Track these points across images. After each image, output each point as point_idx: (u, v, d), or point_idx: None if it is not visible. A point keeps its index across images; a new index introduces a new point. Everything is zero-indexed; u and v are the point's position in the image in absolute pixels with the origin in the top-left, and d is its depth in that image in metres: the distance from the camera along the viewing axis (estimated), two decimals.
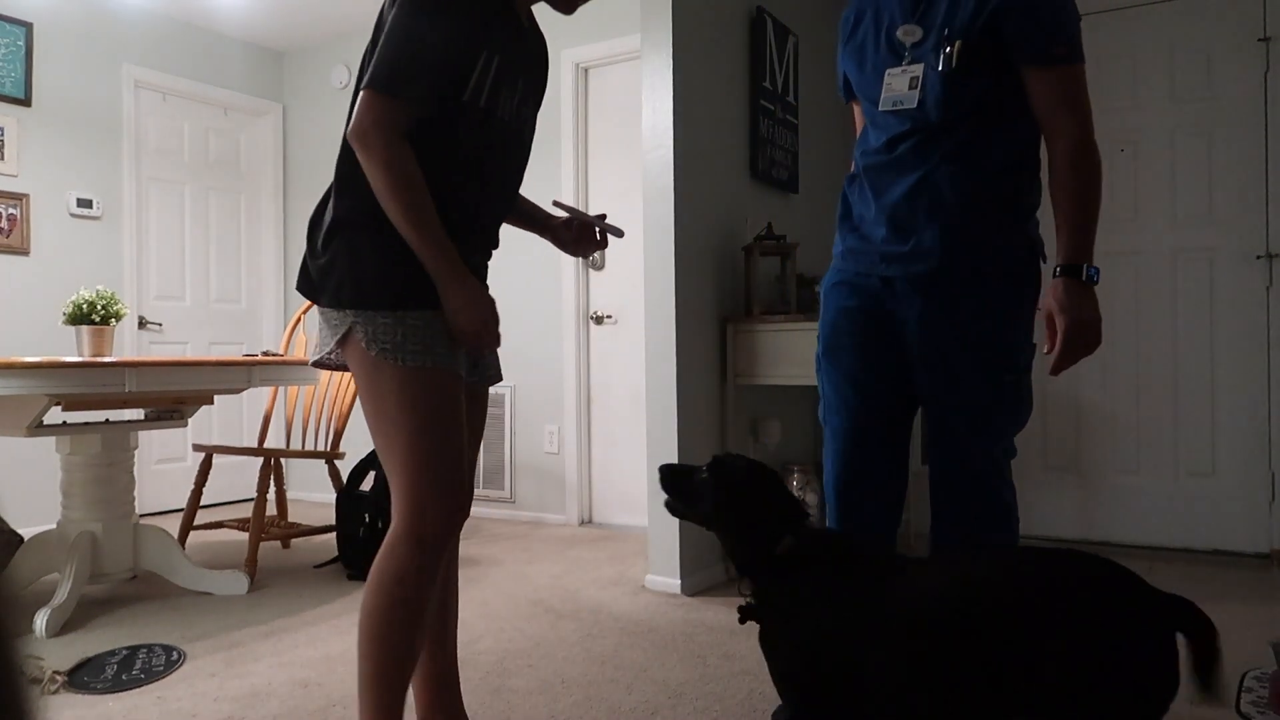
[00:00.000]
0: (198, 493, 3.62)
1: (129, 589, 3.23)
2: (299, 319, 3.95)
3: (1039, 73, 1.74)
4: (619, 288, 4.43)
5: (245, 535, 3.58)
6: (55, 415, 2.83)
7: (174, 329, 5.02)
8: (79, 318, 3.01)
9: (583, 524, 4.52)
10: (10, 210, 4.28)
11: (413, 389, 1.51)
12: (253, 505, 3.49)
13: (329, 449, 3.73)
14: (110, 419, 3.16)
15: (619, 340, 4.44)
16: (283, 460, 4.20)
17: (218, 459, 3.74)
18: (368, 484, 3.50)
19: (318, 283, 1.56)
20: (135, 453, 3.15)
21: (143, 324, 4.84)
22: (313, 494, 5.25)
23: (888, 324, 1.88)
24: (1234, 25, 3.63)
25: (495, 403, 4.74)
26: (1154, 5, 3.78)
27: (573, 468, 4.54)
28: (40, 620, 2.69)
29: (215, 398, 3.38)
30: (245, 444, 4.64)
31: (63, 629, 2.74)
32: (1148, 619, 1.25)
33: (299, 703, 2.19)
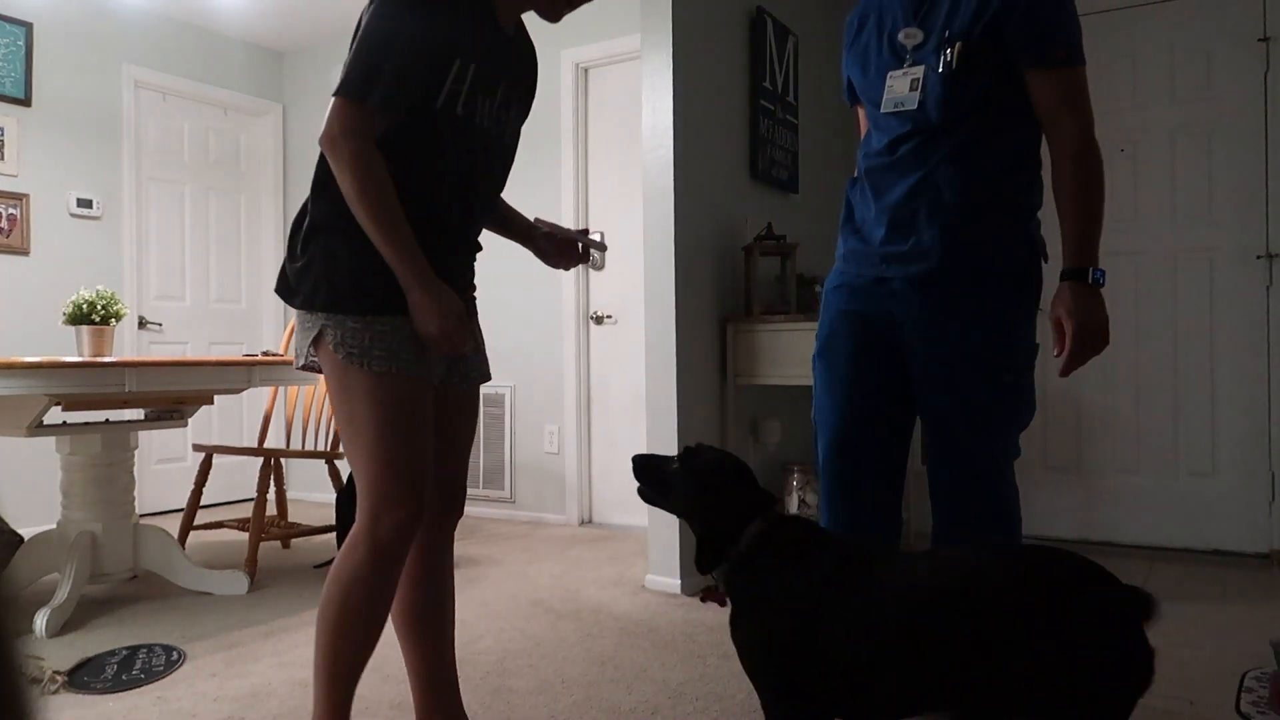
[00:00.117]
0: (198, 493, 3.62)
1: (129, 589, 3.23)
2: None
3: (1041, 75, 1.74)
4: (619, 288, 4.43)
5: (245, 535, 3.58)
6: (55, 415, 2.83)
7: (174, 329, 5.02)
8: (79, 318, 3.01)
9: (583, 524, 4.52)
10: (10, 210, 4.28)
11: (377, 394, 1.53)
12: (253, 505, 3.49)
13: (329, 449, 3.73)
14: (110, 419, 3.16)
15: (619, 340, 4.44)
16: (283, 460, 4.20)
17: (218, 459, 3.74)
18: None
19: (294, 285, 1.59)
20: (135, 453, 3.15)
21: (143, 324, 4.84)
22: (313, 494, 5.25)
23: (886, 327, 1.88)
24: (1234, 25, 3.63)
25: (495, 403, 4.74)
26: (1154, 5, 3.78)
27: (573, 468, 4.54)
28: (40, 620, 2.69)
29: (215, 398, 3.38)
30: (245, 444, 4.64)
31: (63, 629, 2.74)
32: (1116, 612, 1.25)
33: (299, 703, 2.19)
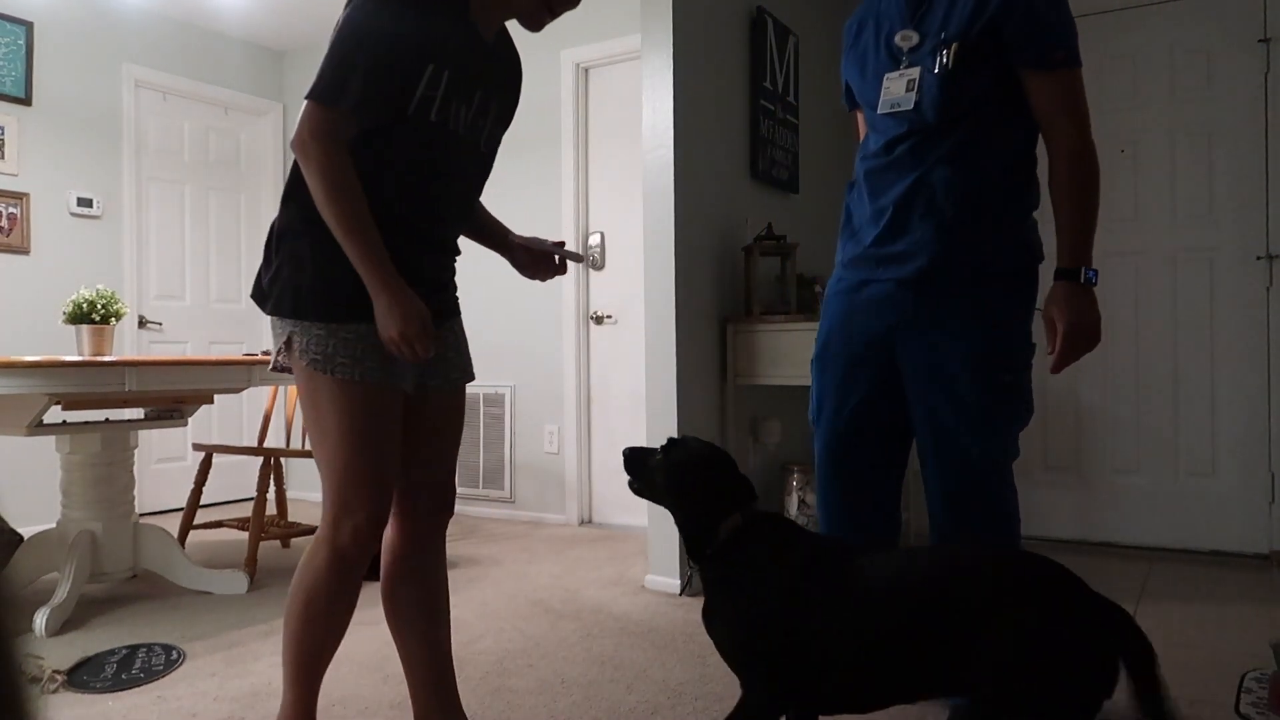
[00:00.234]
0: (198, 492, 3.62)
1: (129, 588, 3.23)
2: None
3: (1039, 77, 1.76)
4: (619, 288, 4.43)
5: (245, 535, 3.58)
6: (55, 414, 2.83)
7: (174, 328, 5.02)
8: (79, 317, 3.01)
9: (583, 524, 4.52)
10: (10, 210, 4.28)
11: (340, 400, 1.55)
12: (253, 505, 3.49)
13: None
14: (110, 418, 3.16)
15: (619, 340, 4.44)
16: (283, 460, 4.21)
17: (217, 458, 3.75)
18: None
19: (266, 290, 1.61)
20: (135, 452, 3.15)
21: (143, 323, 4.84)
22: (313, 494, 5.25)
23: (883, 330, 1.90)
24: (1234, 26, 3.63)
25: (495, 403, 4.75)
26: (1154, 5, 3.78)
27: (572, 468, 4.54)
28: (40, 619, 2.69)
29: (215, 397, 3.38)
30: (245, 444, 4.64)
31: (62, 628, 2.74)
32: (1079, 624, 1.24)
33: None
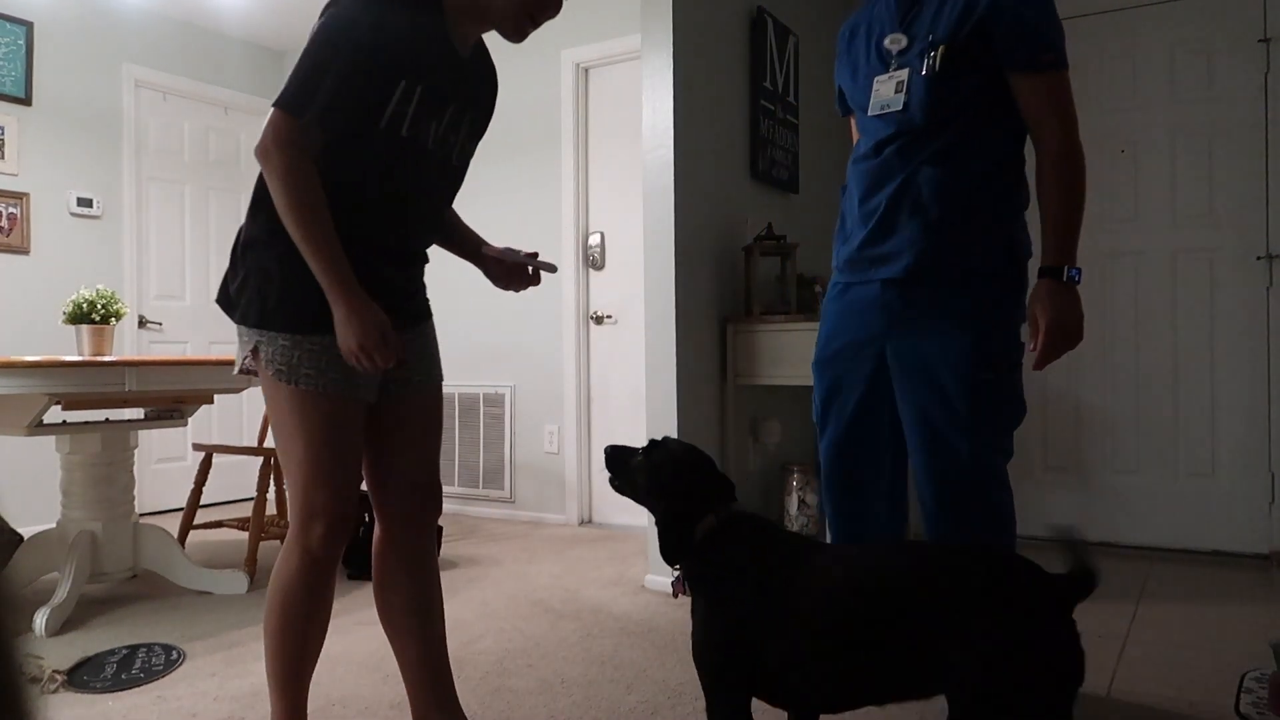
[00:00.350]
0: (198, 492, 3.62)
1: (129, 588, 3.23)
2: None
3: (1027, 79, 1.78)
4: (619, 288, 4.43)
5: (245, 535, 3.58)
6: (55, 414, 2.83)
7: (174, 328, 5.02)
8: (79, 317, 3.01)
9: (583, 524, 4.52)
10: (10, 210, 4.28)
11: (304, 409, 1.58)
12: (253, 505, 3.49)
13: None
14: (110, 418, 3.16)
15: (619, 340, 4.44)
16: None
17: (218, 458, 3.75)
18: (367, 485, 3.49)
19: (233, 299, 1.64)
20: (135, 452, 3.15)
21: (143, 323, 4.84)
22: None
23: (874, 332, 1.93)
24: (1234, 25, 3.63)
25: (495, 403, 4.75)
26: (1154, 5, 3.78)
27: (572, 468, 4.54)
28: (40, 619, 2.69)
29: (215, 397, 3.38)
30: (245, 443, 4.64)
31: (62, 628, 2.74)
32: (1045, 610, 1.27)
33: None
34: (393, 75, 1.53)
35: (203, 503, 3.74)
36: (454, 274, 2.50)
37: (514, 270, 1.84)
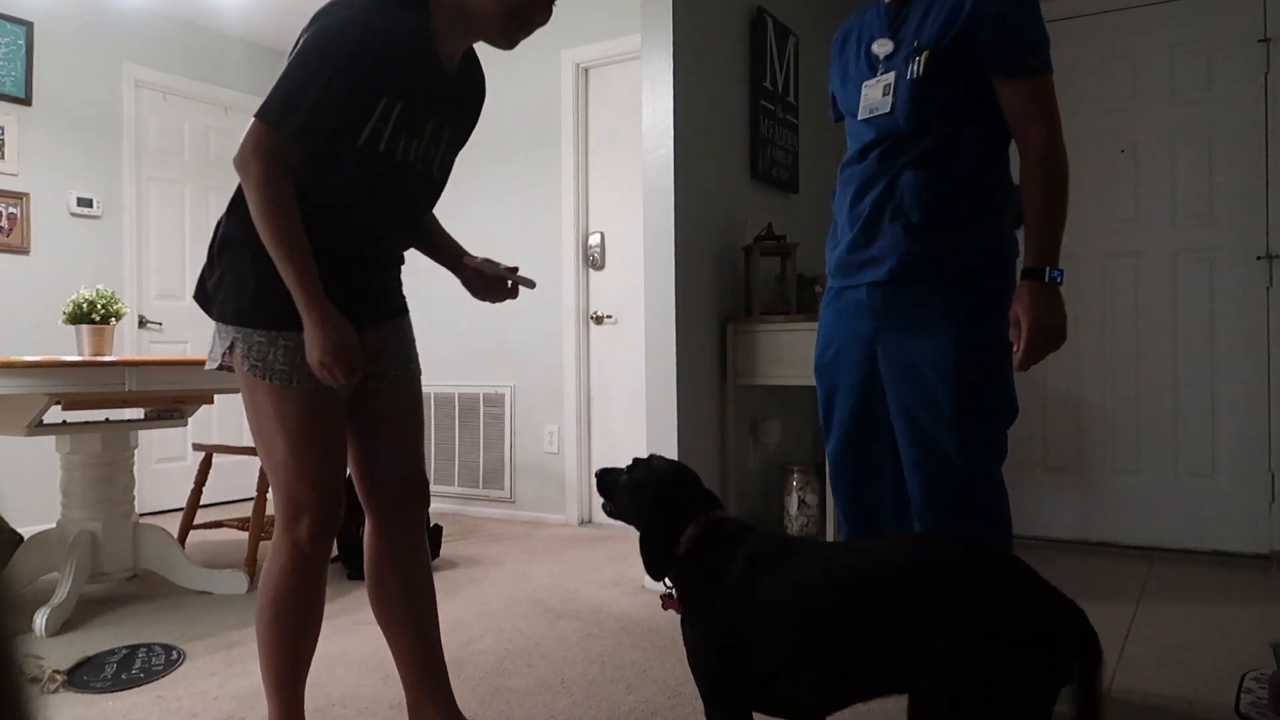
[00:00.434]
0: (197, 492, 3.62)
1: (129, 588, 3.23)
2: None
3: (1011, 84, 1.81)
4: (619, 288, 4.43)
5: (245, 535, 3.58)
6: (55, 414, 2.83)
7: (174, 328, 5.01)
8: (79, 317, 3.01)
9: (582, 524, 4.52)
10: (10, 209, 4.28)
11: (280, 405, 1.61)
12: (253, 505, 3.49)
13: None
14: (110, 418, 3.16)
15: (619, 340, 4.44)
16: None
17: (218, 458, 3.75)
18: None
19: (210, 295, 1.67)
20: (135, 452, 3.15)
21: (143, 323, 4.84)
22: None
23: (864, 334, 1.96)
24: (1234, 25, 3.63)
25: (495, 403, 4.75)
26: (1154, 5, 3.78)
27: (572, 468, 4.54)
28: (40, 619, 2.69)
29: (215, 397, 3.39)
30: (245, 444, 4.63)
31: (62, 628, 2.74)
32: (1026, 616, 1.23)
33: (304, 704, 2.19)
34: (374, 93, 1.55)
35: (203, 503, 3.74)
36: (453, 274, 2.49)
37: (492, 283, 1.85)
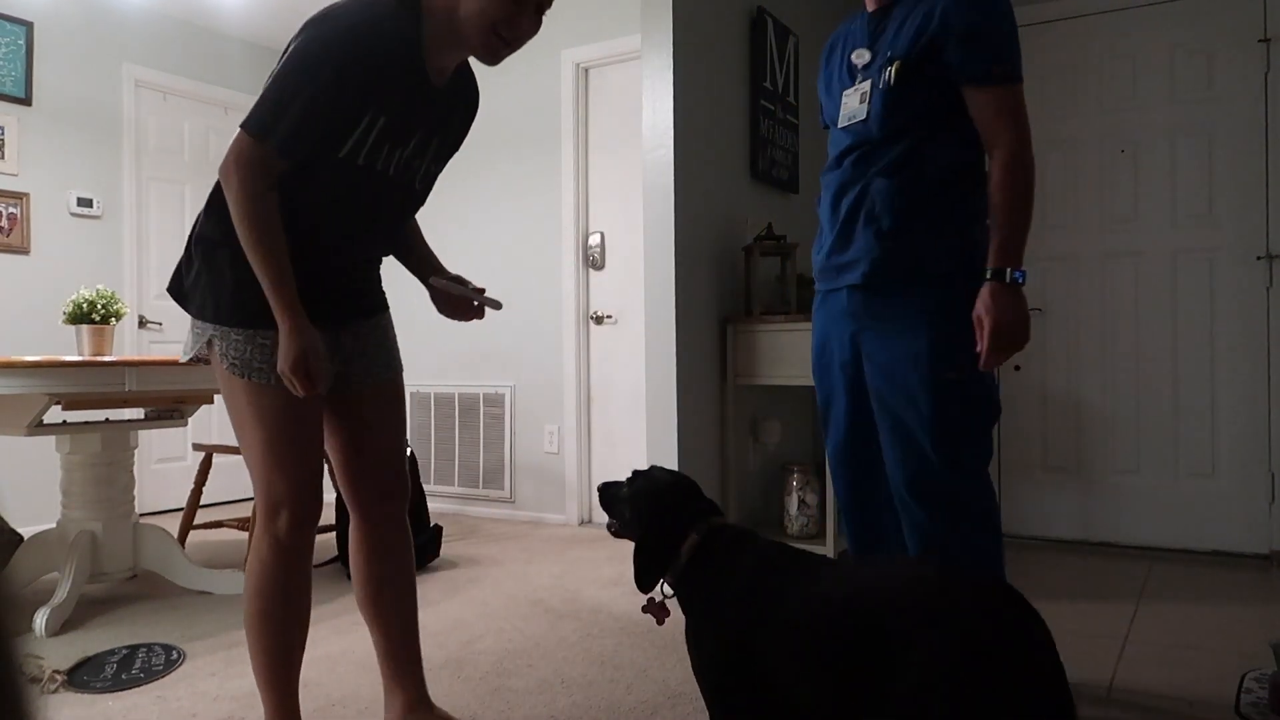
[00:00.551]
0: (197, 492, 3.62)
1: (129, 588, 3.23)
2: None
3: (979, 92, 1.84)
4: (619, 288, 4.43)
5: (245, 534, 3.58)
6: (55, 414, 2.83)
7: (174, 328, 5.01)
8: (79, 317, 3.01)
9: (583, 524, 4.52)
10: (10, 209, 4.28)
11: (258, 403, 1.64)
12: (252, 505, 3.48)
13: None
14: (110, 418, 3.16)
15: (619, 340, 4.44)
16: None
17: (217, 458, 3.75)
18: None
19: (187, 292, 1.69)
20: (135, 452, 3.15)
21: (143, 323, 4.84)
22: None
23: (848, 337, 2.00)
24: (1234, 25, 3.63)
25: (495, 403, 4.75)
26: (1154, 5, 3.78)
27: (573, 468, 4.54)
28: (40, 619, 2.69)
29: (215, 397, 3.38)
30: None
31: (62, 628, 2.74)
32: (990, 637, 1.20)
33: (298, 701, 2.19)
34: (358, 108, 1.56)
35: (203, 503, 3.74)
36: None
37: (459, 302, 1.87)
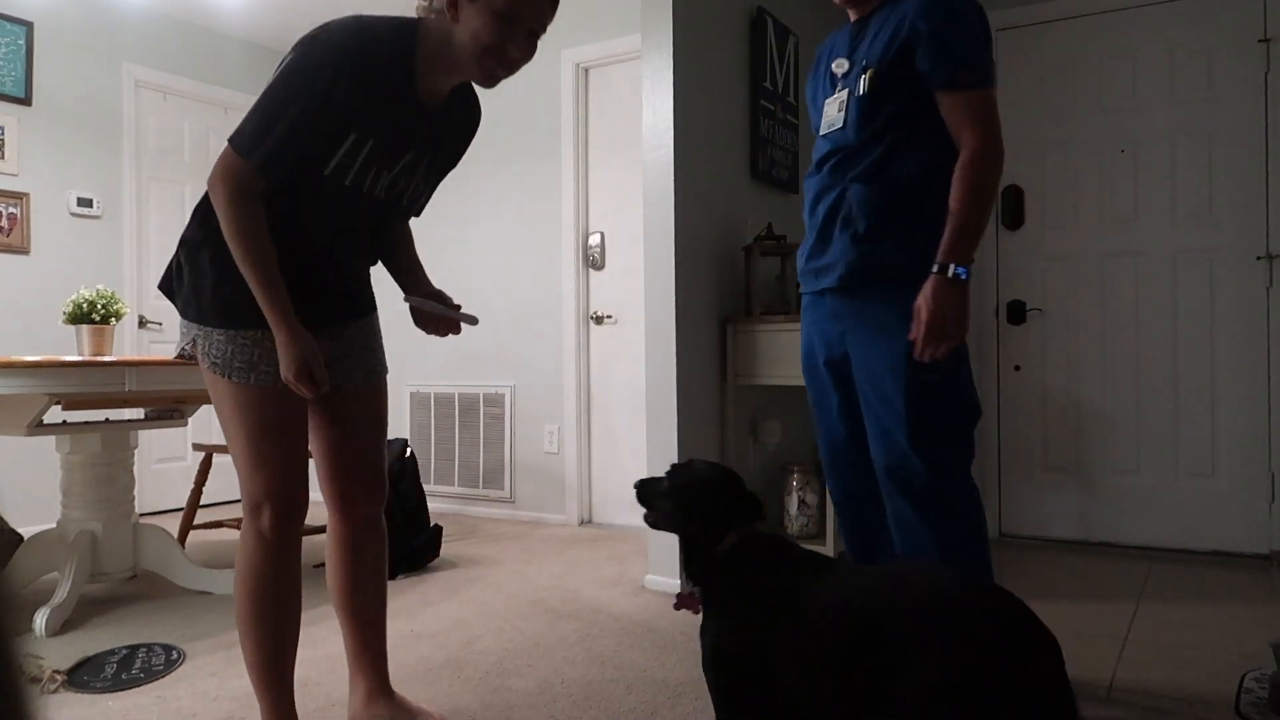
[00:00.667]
0: (197, 492, 3.63)
1: (129, 588, 3.23)
2: None
3: (948, 97, 1.88)
4: (619, 288, 4.43)
5: None
6: (55, 414, 2.83)
7: (174, 328, 4.98)
8: (79, 317, 3.01)
9: (583, 524, 4.52)
10: (10, 210, 4.28)
11: (239, 402, 1.67)
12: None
13: None
14: (110, 418, 3.16)
15: (619, 340, 4.44)
16: None
17: (217, 458, 3.75)
18: None
19: (175, 290, 1.72)
20: (135, 452, 3.15)
21: (143, 323, 4.84)
22: (312, 493, 5.24)
23: (832, 339, 2.04)
24: (1234, 25, 3.63)
25: (495, 403, 4.75)
26: (1154, 5, 3.78)
27: (572, 468, 4.54)
28: (40, 619, 2.69)
29: None
30: None
31: (62, 628, 2.74)
32: (990, 647, 1.22)
33: (298, 702, 2.17)
34: (343, 129, 1.58)
35: (203, 503, 3.74)
36: (453, 275, 2.50)
37: (437, 318, 1.88)
